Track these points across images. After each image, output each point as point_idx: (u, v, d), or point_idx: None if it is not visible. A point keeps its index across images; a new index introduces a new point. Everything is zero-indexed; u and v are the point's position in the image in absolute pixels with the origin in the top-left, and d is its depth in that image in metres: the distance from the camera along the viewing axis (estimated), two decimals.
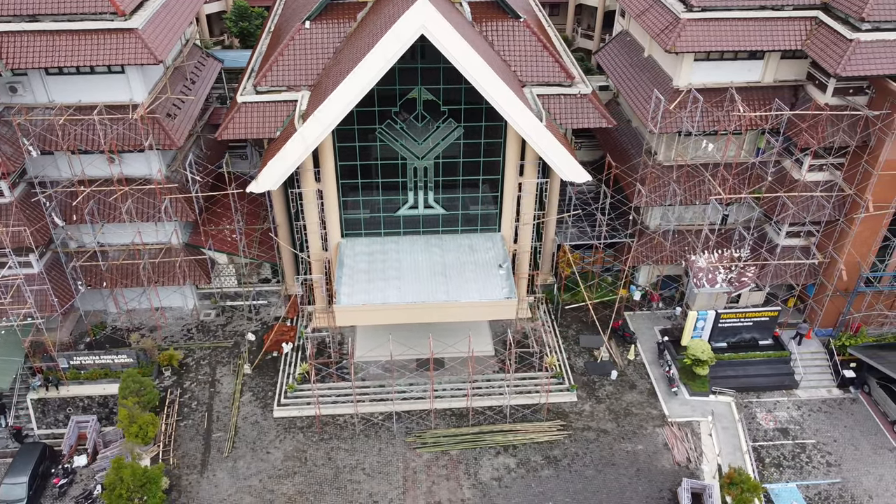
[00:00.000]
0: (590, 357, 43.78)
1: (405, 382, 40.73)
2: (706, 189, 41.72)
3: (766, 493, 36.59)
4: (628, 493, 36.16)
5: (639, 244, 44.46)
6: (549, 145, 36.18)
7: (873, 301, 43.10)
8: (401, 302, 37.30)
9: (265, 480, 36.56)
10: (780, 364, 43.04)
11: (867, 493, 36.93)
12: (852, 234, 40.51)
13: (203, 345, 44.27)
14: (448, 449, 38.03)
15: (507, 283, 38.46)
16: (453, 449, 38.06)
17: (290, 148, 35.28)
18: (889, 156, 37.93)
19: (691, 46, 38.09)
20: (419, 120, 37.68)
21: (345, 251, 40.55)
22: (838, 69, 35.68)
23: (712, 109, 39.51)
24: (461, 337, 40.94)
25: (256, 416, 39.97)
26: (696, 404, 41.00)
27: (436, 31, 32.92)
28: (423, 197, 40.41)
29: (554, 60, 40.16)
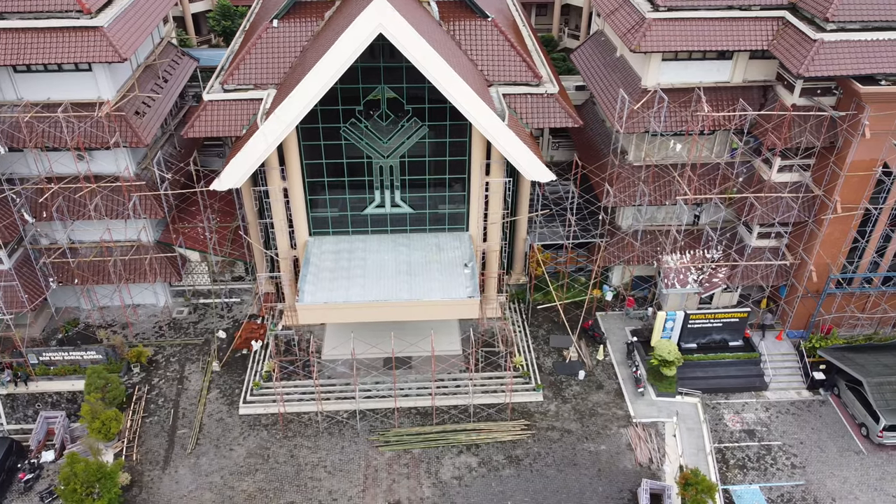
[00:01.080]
0: (559, 357, 43.73)
1: (371, 381, 40.78)
2: (674, 189, 41.61)
3: (728, 493, 36.50)
4: (588, 493, 36.10)
5: (609, 244, 44.38)
6: (512, 144, 36.16)
7: (844, 303, 42.90)
8: (363, 300, 37.36)
9: (226, 477, 36.69)
10: (749, 365, 42.86)
11: (830, 496, 36.75)
12: (821, 236, 40.31)
13: (173, 342, 44.46)
14: (410, 447, 38.06)
15: (472, 282, 38.46)
16: (416, 447, 38.08)
17: (251, 146, 35.39)
18: (856, 157, 37.75)
19: (656, 46, 38.01)
20: (383, 119, 37.70)
21: (311, 249, 40.65)
22: (801, 69, 35.55)
23: (678, 110, 39.41)
24: (430, 336, 41.02)
25: (222, 413, 40.11)
26: (662, 405, 40.90)
27: (394, 30, 32.95)
28: (389, 196, 40.45)
29: (521, 60, 40.14)
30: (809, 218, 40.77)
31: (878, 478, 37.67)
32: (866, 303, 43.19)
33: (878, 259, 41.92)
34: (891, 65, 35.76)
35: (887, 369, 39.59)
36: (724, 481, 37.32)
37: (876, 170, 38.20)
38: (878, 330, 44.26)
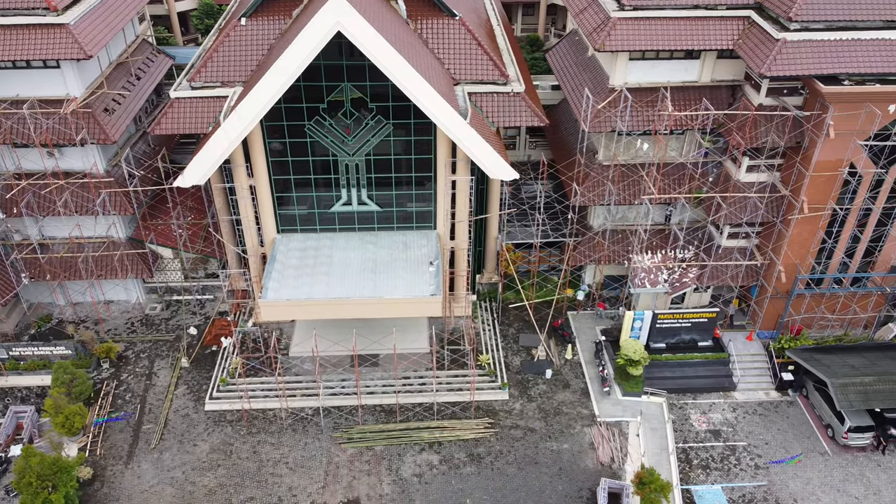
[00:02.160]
0: (527, 356, 43.74)
1: (337, 378, 40.91)
2: (642, 189, 41.56)
3: (690, 493, 36.46)
4: (548, 491, 36.12)
5: (578, 243, 44.39)
6: (474, 142, 36.21)
7: (814, 304, 42.75)
8: (326, 297, 37.49)
9: (188, 472, 36.88)
10: (718, 366, 42.79)
11: (792, 497, 36.66)
12: (788, 236, 40.19)
13: (144, 338, 44.70)
14: (373, 445, 38.15)
15: (435, 280, 38.53)
16: (379, 445, 38.17)
17: (213, 143, 35.58)
18: (821, 157, 37.62)
19: (621, 45, 37.99)
20: (347, 117, 37.82)
21: (278, 247, 40.80)
22: (763, 69, 35.48)
23: (643, 109, 39.38)
24: (401, 334, 41.19)
25: (188, 409, 40.31)
26: (627, 404, 40.86)
27: (352, 28, 33.06)
28: (356, 194, 40.56)
29: (488, 58, 40.19)
30: (777, 218, 40.64)
31: (841, 479, 37.54)
32: (836, 304, 43.00)
33: (848, 260, 41.76)
34: (854, 64, 35.65)
35: (853, 370, 39.42)
36: (686, 481, 37.29)
37: (842, 170, 38.04)
38: (849, 331, 44.06)
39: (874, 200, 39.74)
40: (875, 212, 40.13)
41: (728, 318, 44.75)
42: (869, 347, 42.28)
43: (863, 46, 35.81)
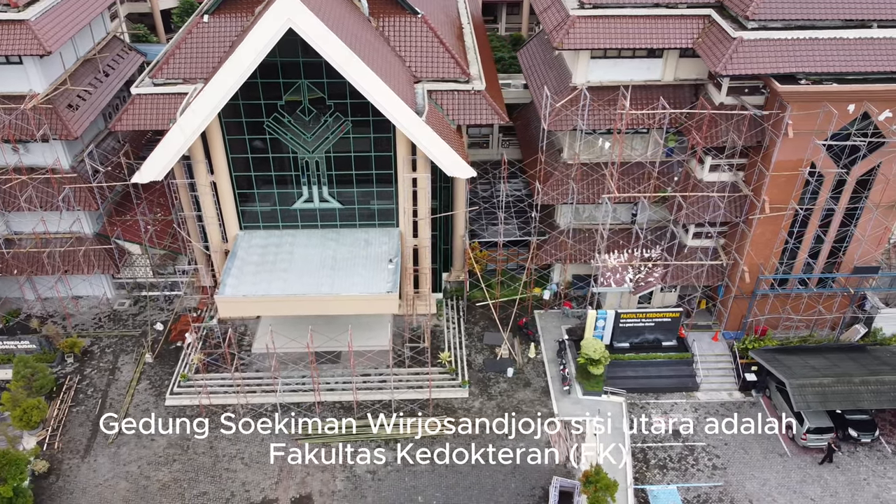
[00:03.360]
0: (491, 354, 43.73)
1: (299, 375, 41.02)
2: (605, 188, 41.47)
3: (644, 493, 36.40)
4: (500, 489, 36.11)
5: (542, 242, 44.36)
6: (429, 140, 36.24)
7: (778, 304, 42.53)
8: (282, 294, 37.59)
9: (143, 467, 37.07)
10: (681, 366, 42.68)
11: (748, 498, 36.52)
12: (750, 236, 40.04)
13: (111, 333, 44.94)
14: (330, 441, 38.22)
15: (393, 277, 38.57)
16: (335, 441, 38.23)
17: (169, 139, 35.75)
18: (781, 157, 37.47)
19: (580, 44, 37.94)
20: (306, 114, 37.90)
21: (240, 243, 40.95)
22: (718, 68, 35.36)
23: (605, 107, 39.30)
24: (363, 331, 41.23)
25: (148, 404, 40.51)
26: (587, 403, 40.80)
27: (303, 25, 33.16)
28: (317, 191, 40.64)
29: (450, 56, 40.23)
30: (738, 218, 40.50)
31: (798, 480, 37.38)
32: (801, 305, 42.78)
33: (811, 261, 41.55)
34: (811, 64, 35.47)
35: (814, 371, 39.23)
36: (642, 481, 37.20)
37: (802, 170, 37.85)
38: (814, 332, 43.82)
39: (837, 201, 39.53)
40: (838, 212, 39.91)
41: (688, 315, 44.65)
42: (832, 349, 42.11)
43: (820, 46, 35.62)
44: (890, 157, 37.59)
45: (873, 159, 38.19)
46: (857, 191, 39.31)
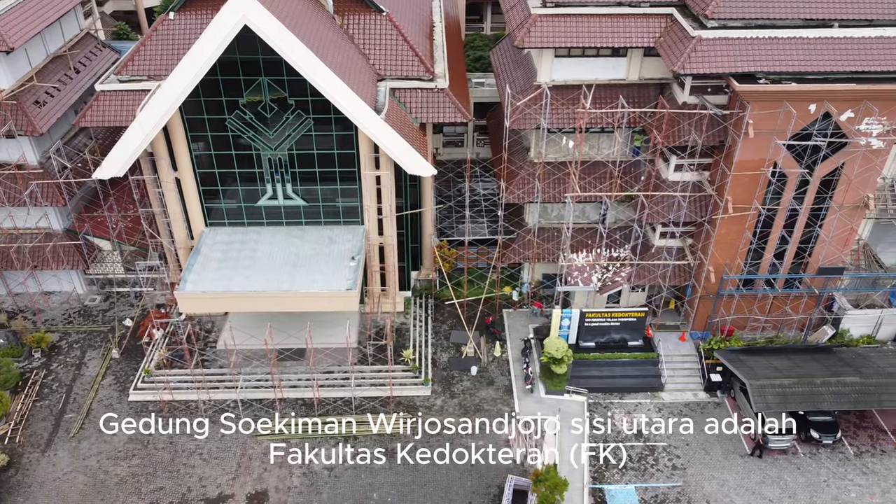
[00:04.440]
0: (457, 353, 43.74)
1: (262, 371, 41.13)
2: (570, 187, 41.40)
3: (602, 493, 36.36)
4: (456, 487, 36.12)
5: (509, 241, 44.34)
6: (388, 137, 36.32)
7: (745, 305, 42.34)
8: (242, 290, 37.70)
9: (103, 461, 37.26)
10: (647, 366, 42.57)
11: (706, 498, 36.40)
12: (714, 236, 39.91)
13: (80, 328, 45.18)
14: (289, 438, 38.32)
15: (354, 275, 38.63)
16: (295, 438, 38.33)
17: (129, 135, 35.98)
18: (743, 156, 37.33)
19: (541, 42, 37.90)
20: (267, 111, 38.00)
21: (204, 240, 41.09)
22: (676, 66, 35.28)
23: (565, 106, 39.25)
24: (328, 328, 41.31)
25: (112, 399, 40.72)
26: (549, 402, 40.75)
27: (258, 22, 33.29)
28: (281, 188, 40.74)
29: (414, 54, 40.26)
30: (702, 218, 40.38)
31: (758, 481, 37.22)
32: (768, 305, 42.60)
33: (777, 262, 41.36)
34: (770, 63, 35.34)
35: (776, 372, 39.06)
36: (601, 480, 37.13)
37: (764, 170, 37.70)
38: (780, 333, 43.61)
39: (802, 201, 39.34)
40: (802, 212, 39.72)
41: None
42: (798, 350, 41.91)
43: (780, 45, 35.49)
44: (853, 158, 37.38)
45: (836, 160, 38.00)
46: (822, 191, 39.10)
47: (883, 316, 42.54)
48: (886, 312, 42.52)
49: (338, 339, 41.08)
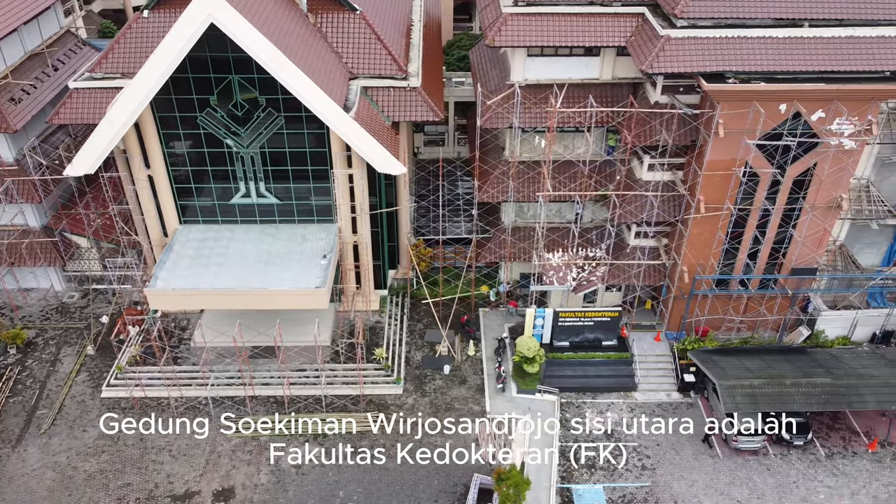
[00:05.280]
0: (431, 351, 43.75)
1: (234, 369, 41.21)
2: (542, 186, 41.38)
3: (569, 492, 36.33)
4: (422, 485, 36.13)
5: (485, 240, 44.34)
6: (357, 135, 36.36)
7: (719, 305, 42.23)
8: (212, 288, 37.79)
9: (72, 457, 37.38)
10: (620, 365, 42.50)
11: (673, 498, 36.32)
12: (687, 236, 39.84)
13: (57, 325, 45.35)
14: (258, 435, 38.39)
15: (324, 273, 38.67)
16: (265, 435, 38.39)
17: (99, 132, 36.10)
18: (714, 156, 37.27)
19: (512, 41, 37.88)
20: (238, 109, 38.07)
21: (178, 237, 41.20)
22: (644, 66, 35.22)
23: (536, 105, 39.22)
24: (303, 326, 41.35)
25: (85, 395, 40.85)
26: (520, 402, 40.72)
27: (225, 20, 33.37)
28: (254, 186, 40.81)
29: (387, 53, 40.28)
30: (674, 217, 40.30)
31: (727, 482, 37.12)
32: (743, 306, 42.47)
33: (750, 262, 41.24)
34: (739, 62, 35.23)
35: (747, 372, 38.93)
36: (569, 480, 37.08)
37: (735, 169, 37.59)
38: (755, 334, 43.47)
39: (775, 201, 39.22)
40: (775, 213, 39.59)
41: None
42: (772, 351, 41.81)
43: (749, 44, 35.39)
44: (824, 158, 37.25)
45: (808, 160, 37.88)
46: (795, 192, 38.97)
47: (858, 317, 42.36)
48: (861, 314, 42.36)
49: (310, 338, 41.11)
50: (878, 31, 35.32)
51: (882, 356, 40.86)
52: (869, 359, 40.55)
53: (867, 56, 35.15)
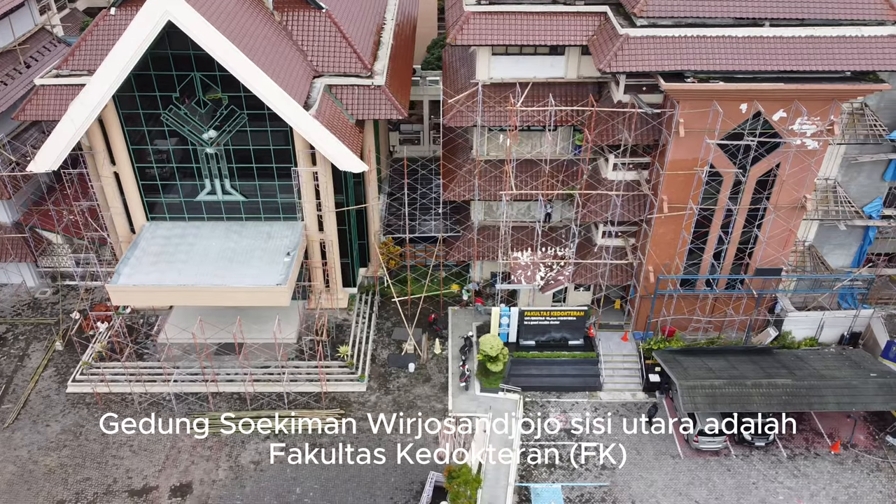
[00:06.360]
0: (397, 349, 43.81)
1: (199, 365, 41.35)
2: (505, 185, 41.35)
3: (527, 491, 36.33)
4: (379, 482, 36.19)
5: (453, 239, 44.37)
6: (316, 133, 36.45)
7: (685, 305, 42.11)
8: (174, 284, 37.95)
9: (34, 452, 37.62)
10: (586, 365, 42.44)
11: (631, 498, 36.26)
12: (651, 235, 39.77)
13: (27, 321, 45.63)
14: (218, 432, 38.52)
15: (287, 271, 38.78)
16: (226, 431, 38.51)
17: (60, 129, 36.29)
18: (676, 156, 37.19)
19: (473, 40, 37.84)
20: (201, 106, 38.23)
21: (144, 234, 41.40)
22: (602, 65, 35.17)
23: (499, 104, 39.22)
24: (268, 323, 41.45)
25: (51, 390, 41.10)
26: (483, 400, 40.71)
27: (182, 18, 33.52)
28: (219, 183, 40.96)
29: (352, 51, 40.36)
30: (638, 217, 40.22)
31: (686, 483, 37.03)
32: (709, 306, 42.34)
33: (715, 262, 41.11)
34: (698, 62, 35.09)
35: (709, 373, 38.84)
36: (528, 479, 37.07)
37: (697, 169, 37.48)
38: (722, 335, 43.31)
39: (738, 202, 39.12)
40: (740, 213, 39.45)
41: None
42: (738, 351, 41.65)
43: (708, 43, 35.26)
44: (787, 158, 37.09)
45: (771, 160, 37.75)
46: (759, 192, 38.83)
47: (825, 318, 42.18)
48: (828, 315, 42.18)
49: (281, 334, 41.31)
50: (838, 31, 35.14)
51: (847, 357, 40.66)
52: (834, 360, 40.36)
53: (827, 56, 34.98)
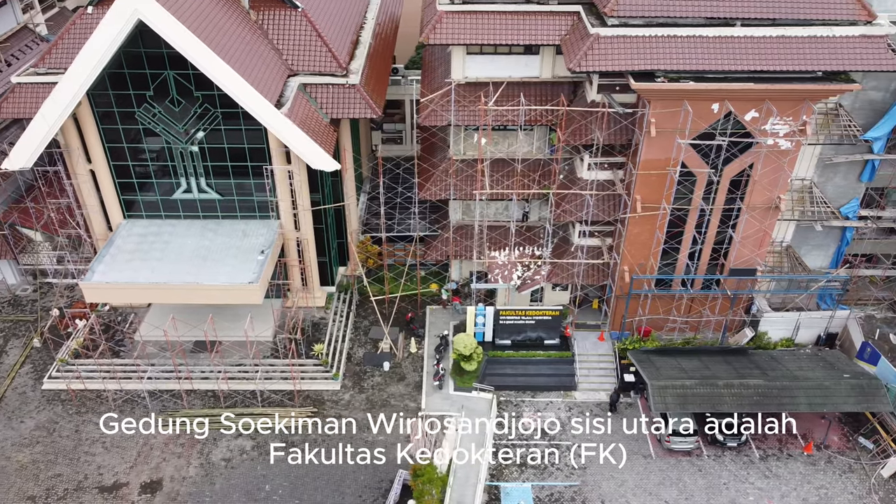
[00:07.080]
0: (373, 348, 43.89)
1: (176, 362, 41.50)
2: (478, 184, 41.39)
3: (497, 490, 36.36)
4: (348, 480, 36.28)
5: (430, 238, 44.43)
6: (289, 132, 36.56)
7: (660, 305, 42.07)
8: (147, 282, 38.10)
9: (6, 448, 37.81)
10: (561, 364, 42.44)
11: (601, 498, 36.26)
12: (625, 235, 39.76)
13: (6, 318, 45.86)
14: (190, 429, 38.63)
15: (259, 269, 38.89)
16: (199, 429, 38.63)
17: (33, 127, 36.48)
18: (648, 156, 37.19)
19: (446, 39, 37.85)
20: (175, 104, 38.37)
21: (120, 231, 41.57)
22: (572, 64, 35.17)
23: (472, 104, 39.25)
24: (245, 321, 41.55)
25: (27, 387, 41.30)
26: (457, 399, 40.76)
27: (152, 16, 33.66)
28: (195, 182, 41.10)
29: (327, 50, 40.46)
30: (612, 216, 40.21)
31: (657, 483, 37.01)
32: (685, 306, 42.27)
33: (690, 263, 41.06)
34: (669, 61, 35.05)
35: (682, 373, 38.80)
36: (499, 478, 37.09)
37: (670, 169, 37.45)
38: (698, 335, 43.23)
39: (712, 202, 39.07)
40: (714, 213, 39.39)
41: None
42: (712, 352, 41.59)
43: (679, 43, 35.21)
44: (759, 158, 37.03)
45: (745, 160, 37.69)
46: (733, 192, 38.78)
47: (801, 319, 42.09)
48: (804, 315, 42.09)
49: (251, 332, 41.38)
50: (810, 31, 35.05)
51: (822, 358, 40.56)
52: (808, 361, 40.28)
53: (798, 56, 34.90)
